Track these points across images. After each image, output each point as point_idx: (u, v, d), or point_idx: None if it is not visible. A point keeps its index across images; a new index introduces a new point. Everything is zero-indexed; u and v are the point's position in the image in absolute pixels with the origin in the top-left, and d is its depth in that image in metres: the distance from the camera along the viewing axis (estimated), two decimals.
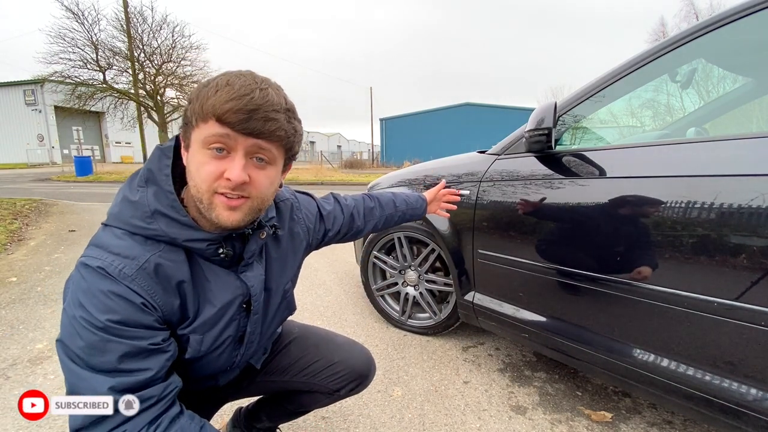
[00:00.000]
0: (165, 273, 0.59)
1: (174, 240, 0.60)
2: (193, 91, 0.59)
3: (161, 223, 0.59)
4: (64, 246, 3.56)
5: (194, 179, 0.59)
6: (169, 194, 0.60)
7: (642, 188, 0.99)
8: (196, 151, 0.58)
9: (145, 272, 0.57)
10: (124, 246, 0.58)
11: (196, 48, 16.29)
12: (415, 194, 1.25)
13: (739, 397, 0.85)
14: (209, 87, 0.56)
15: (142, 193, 0.60)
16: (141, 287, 0.56)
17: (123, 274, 0.56)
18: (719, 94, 1.69)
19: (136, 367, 0.56)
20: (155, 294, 0.58)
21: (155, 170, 0.61)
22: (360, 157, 29.95)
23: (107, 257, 0.56)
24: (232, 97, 0.54)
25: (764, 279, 0.78)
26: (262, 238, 0.71)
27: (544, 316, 1.29)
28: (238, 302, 0.70)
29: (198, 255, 0.64)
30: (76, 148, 16.08)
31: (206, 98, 0.55)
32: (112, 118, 15.99)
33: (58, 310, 2.11)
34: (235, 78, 0.56)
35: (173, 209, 0.60)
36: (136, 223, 0.59)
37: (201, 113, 0.56)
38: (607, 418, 1.30)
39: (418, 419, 1.29)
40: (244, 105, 0.54)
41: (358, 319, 2.08)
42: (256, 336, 0.79)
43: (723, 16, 0.95)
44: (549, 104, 1.19)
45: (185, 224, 0.60)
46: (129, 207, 0.60)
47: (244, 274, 0.70)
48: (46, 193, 8.27)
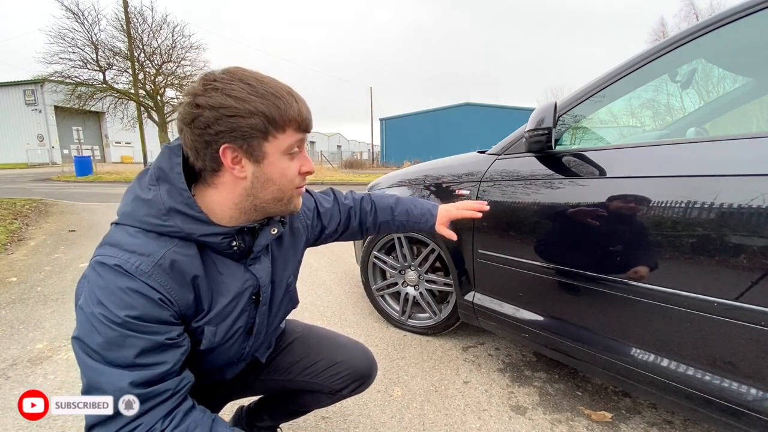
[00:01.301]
0: (180, 268, 0.61)
1: (190, 235, 0.62)
2: (242, 106, 0.57)
3: (177, 219, 0.61)
4: (64, 246, 3.56)
5: (279, 184, 0.66)
6: (183, 191, 0.62)
7: (642, 188, 0.99)
8: (278, 159, 0.64)
9: (161, 268, 0.59)
10: (139, 243, 0.59)
11: (196, 48, 16.31)
12: (425, 205, 1.14)
13: (739, 397, 0.85)
14: (266, 97, 0.59)
15: (155, 191, 0.61)
16: (158, 283, 0.58)
17: (140, 270, 0.57)
18: (719, 94, 1.69)
19: (153, 361, 0.57)
20: (171, 289, 0.60)
21: (166, 169, 0.62)
22: (360, 157, 29.96)
23: (123, 255, 0.57)
24: (302, 104, 0.63)
25: (764, 279, 0.78)
26: (273, 233, 0.74)
27: (544, 316, 1.29)
28: (248, 293, 0.73)
29: (210, 249, 0.67)
30: (76, 148, 16.10)
31: (281, 110, 0.60)
32: (112, 118, 16.00)
33: (58, 310, 2.11)
34: (280, 87, 0.62)
35: (188, 206, 0.62)
36: (150, 221, 0.60)
37: (279, 124, 0.61)
38: (607, 418, 1.30)
39: (418, 419, 1.29)
40: (308, 110, 0.65)
41: (358, 319, 2.08)
42: (264, 327, 0.82)
43: (723, 16, 0.95)
44: (549, 104, 1.19)
45: (201, 220, 0.63)
46: (142, 205, 0.61)
47: (253, 266, 0.73)
48: (46, 193, 8.27)
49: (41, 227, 4.40)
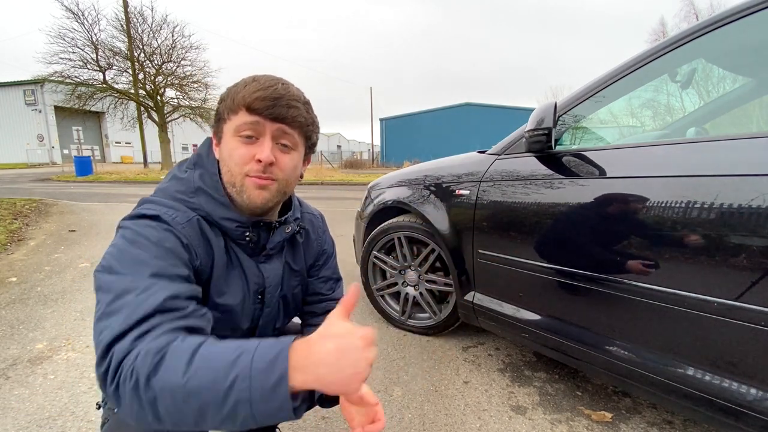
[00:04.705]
0: (206, 233, 0.66)
1: (209, 215, 0.66)
2: (223, 93, 0.68)
3: (201, 198, 0.66)
4: (64, 246, 3.56)
5: (227, 164, 0.66)
6: (213, 176, 0.68)
7: (642, 188, 0.99)
8: (229, 140, 0.65)
9: (192, 225, 0.64)
10: (174, 204, 0.65)
11: (196, 48, 16.28)
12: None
13: (739, 397, 0.85)
14: (238, 84, 0.66)
15: (190, 173, 0.69)
16: (188, 235, 0.63)
17: (176, 221, 0.62)
18: (719, 94, 1.69)
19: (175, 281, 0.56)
20: (198, 245, 0.64)
21: (204, 155, 0.71)
22: (360, 157, 29.96)
23: (161, 208, 0.62)
24: (259, 88, 0.63)
25: (764, 279, 0.78)
26: (287, 232, 0.77)
27: (544, 316, 1.29)
28: (253, 290, 0.74)
29: (228, 236, 0.70)
30: (76, 148, 16.10)
31: (236, 93, 0.64)
32: (112, 118, 15.97)
33: (58, 310, 2.11)
34: (259, 76, 0.66)
35: (214, 189, 0.67)
36: (179, 197, 0.66)
37: (232, 106, 0.64)
38: (607, 418, 1.30)
39: (418, 419, 1.29)
40: (270, 94, 0.63)
41: (358, 319, 2.08)
42: (267, 331, 0.82)
43: (723, 16, 0.95)
44: (549, 104, 1.19)
45: (222, 203, 0.67)
46: (177, 183, 0.68)
47: (263, 265, 0.75)
48: (46, 193, 8.27)
49: (41, 227, 4.40)
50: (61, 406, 1.31)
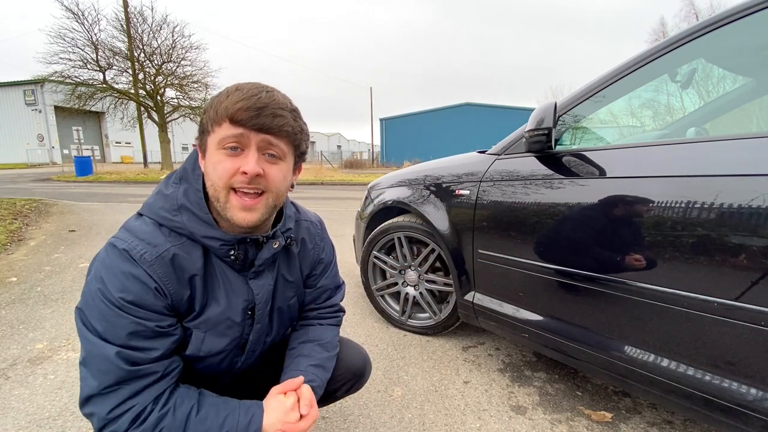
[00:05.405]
0: (180, 264, 0.64)
1: (192, 234, 0.65)
2: (207, 103, 0.65)
3: (184, 216, 0.65)
4: (64, 246, 3.56)
5: (211, 178, 0.63)
6: (197, 192, 0.66)
7: (642, 188, 0.99)
8: (213, 152, 0.62)
9: (163, 260, 0.62)
10: (150, 234, 0.63)
11: (196, 48, 16.26)
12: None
13: (739, 397, 0.85)
14: (221, 94, 0.62)
15: (175, 188, 0.67)
16: (157, 273, 0.61)
17: (143, 258, 0.61)
18: (719, 94, 1.69)
19: (143, 345, 0.60)
20: (168, 282, 0.63)
21: (189, 170, 0.68)
22: (360, 157, 29.94)
23: (133, 241, 0.62)
24: (242, 98, 0.59)
25: (764, 279, 0.78)
26: (275, 248, 0.74)
27: (544, 316, 1.29)
28: (242, 307, 0.72)
29: (213, 253, 0.68)
30: (76, 148, 16.08)
31: (219, 103, 0.61)
32: (112, 118, 15.95)
33: (58, 310, 2.11)
34: (243, 84, 0.63)
35: (197, 206, 0.65)
36: (163, 215, 0.65)
37: (215, 117, 0.61)
38: (607, 418, 1.30)
39: (418, 419, 1.29)
40: (253, 104, 0.59)
41: (358, 319, 2.08)
42: (258, 345, 0.80)
43: (723, 16, 0.95)
44: (549, 104, 1.19)
45: (205, 221, 0.65)
46: (161, 199, 0.66)
47: (253, 281, 0.73)
48: (46, 193, 8.27)
49: (41, 227, 4.40)
50: (61, 406, 1.31)
